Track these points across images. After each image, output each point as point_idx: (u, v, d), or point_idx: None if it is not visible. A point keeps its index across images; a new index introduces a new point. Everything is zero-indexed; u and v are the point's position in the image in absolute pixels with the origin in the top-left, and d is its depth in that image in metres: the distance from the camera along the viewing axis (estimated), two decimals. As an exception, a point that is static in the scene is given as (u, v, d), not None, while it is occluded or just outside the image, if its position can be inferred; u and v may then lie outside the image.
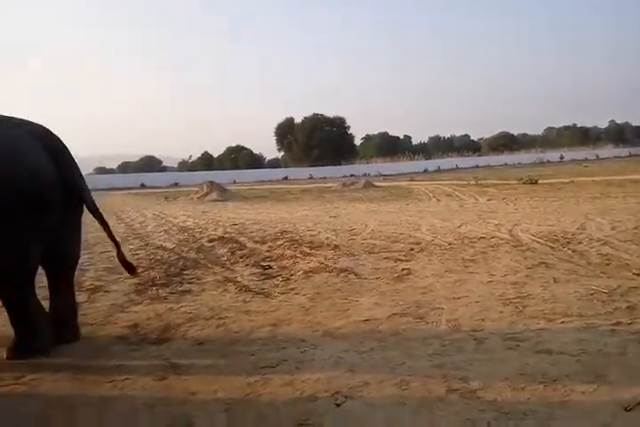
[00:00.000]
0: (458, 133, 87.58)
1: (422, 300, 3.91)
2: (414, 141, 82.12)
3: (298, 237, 7.44)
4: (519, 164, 46.79)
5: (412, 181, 26.72)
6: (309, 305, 3.91)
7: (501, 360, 2.67)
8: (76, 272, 5.28)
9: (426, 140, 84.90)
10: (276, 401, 2.34)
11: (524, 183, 17.69)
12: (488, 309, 3.59)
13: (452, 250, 5.95)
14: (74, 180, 3.15)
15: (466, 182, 20.50)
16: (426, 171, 46.68)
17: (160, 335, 3.37)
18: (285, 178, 48.58)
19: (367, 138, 76.04)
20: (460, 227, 7.89)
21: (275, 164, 70.36)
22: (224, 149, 75.82)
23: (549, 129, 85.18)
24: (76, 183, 3.16)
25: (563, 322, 3.23)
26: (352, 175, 41.36)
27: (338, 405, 2.27)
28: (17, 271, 2.98)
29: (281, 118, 67.46)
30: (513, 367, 2.57)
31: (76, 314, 3.43)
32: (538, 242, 6.05)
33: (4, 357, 3.01)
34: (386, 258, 5.63)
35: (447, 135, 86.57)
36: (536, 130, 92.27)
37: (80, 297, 4.41)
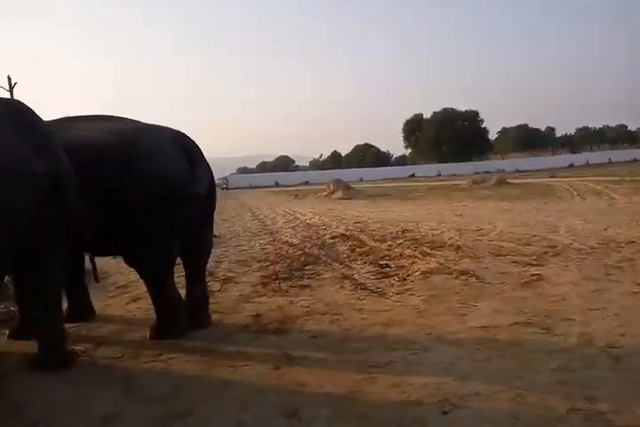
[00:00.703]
0: (612, 123, 77.73)
1: (551, 309, 3.58)
2: (558, 133, 74.95)
3: (419, 237, 7.29)
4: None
5: (552, 177, 24.49)
6: (424, 307, 3.82)
7: (641, 383, 2.34)
8: (212, 264, 5.85)
9: (572, 131, 76.83)
10: (381, 402, 2.34)
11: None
12: (630, 323, 3.17)
13: (594, 255, 5.35)
14: (205, 179, 3.48)
15: (618, 178, 18.18)
16: (571, 166, 42.46)
17: (279, 326, 3.56)
18: (412, 175, 47.81)
19: (503, 131, 71.24)
20: (605, 229, 7.05)
21: (402, 161, 69.60)
22: (352, 147, 77.09)
23: None
24: (203, 180, 3.47)
25: None
26: (486, 172, 39.17)
27: (445, 413, 2.20)
28: (161, 261, 3.39)
29: (409, 114, 66.38)
30: (655, 393, 2.24)
31: (207, 302, 3.78)
32: None
33: (147, 336, 3.44)
34: (514, 262, 5.26)
35: (598, 126, 77.32)
36: None
37: (213, 286, 4.86)
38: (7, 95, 17.17)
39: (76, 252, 3.59)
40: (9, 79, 18.39)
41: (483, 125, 61.78)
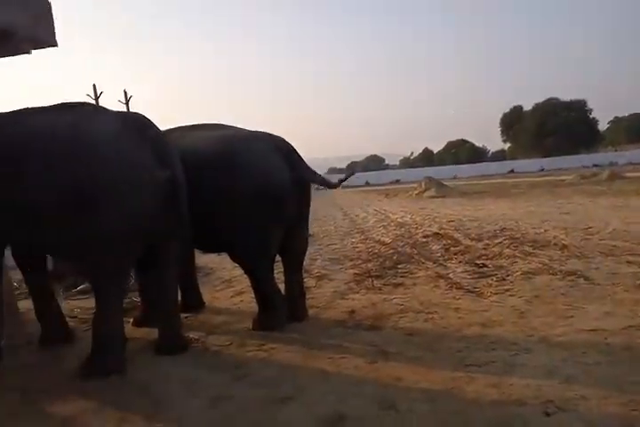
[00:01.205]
0: None
1: (672, 313, 3.28)
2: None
3: (519, 235, 6.96)
4: None
5: (676, 170, 21.93)
6: (525, 308, 3.67)
7: None
8: (306, 261, 6.06)
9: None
10: (480, 400, 2.31)
11: None
12: None
13: None
14: (300, 179, 3.65)
15: None
16: (698, 157, 37.68)
17: (373, 323, 3.63)
18: (511, 171, 45.30)
19: (616, 121, 64.98)
20: None
21: (499, 156, 66.19)
22: (445, 143, 74.84)
23: None
24: (300, 182, 3.65)
25: None
26: (595, 166, 36.08)
27: (547, 414, 2.13)
28: (262, 258, 3.63)
29: (506, 107, 62.90)
30: None
31: (304, 297, 3.96)
32: None
33: (250, 327, 3.69)
34: (628, 262, 4.85)
35: None
36: None
37: (309, 283, 5.05)
38: (124, 108, 19.04)
39: (188, 249, 3.94)
40: (125, 93, 20.31)
41: (591, 115, 56.85)
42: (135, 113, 3.34)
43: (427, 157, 74.36)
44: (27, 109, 3.28)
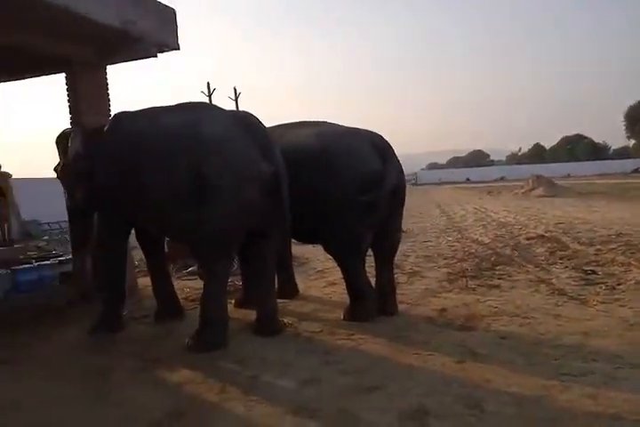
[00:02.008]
0: None
1: None
2: None
3: (637, 242, 6.34)
4: None
5: None
6: (635, 320, 3.39)
7: None
8: (399, 257, 6.07)
9: None
10: (572, 410, 2.22)
11: None
12: None
13: None
14: (396, 176, 3.69)
15: None
16: None
17: (464, 323, 3.59)
18: (635, 171, 40.91)
19: None
20: None
21: (622, 154, 59.86)
22: (559, 139, 69.34)
23: None
24: (395, 178, 3.69)
25: None
26: None
27: (648, 433, 1.99)
28: (354, 251, 3.74)
29: (632, 100, 56.57)
30: None
31: (394, 291, 4.01)
32: None
33: (341, 317, 3.82)
34: None
35: None
36: None
37: (400, 279, 5.08)
38: (233, 104, 20.19)
39: (285, 238, 4.15)
40: (235, 90, 21.53)
41: None
42: (244, 112, 3.61)
43: (537, 154, 69.30)
44: (152, 109, 3.70)
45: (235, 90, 21.29)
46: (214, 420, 2.35)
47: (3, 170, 8.50)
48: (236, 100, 21.01)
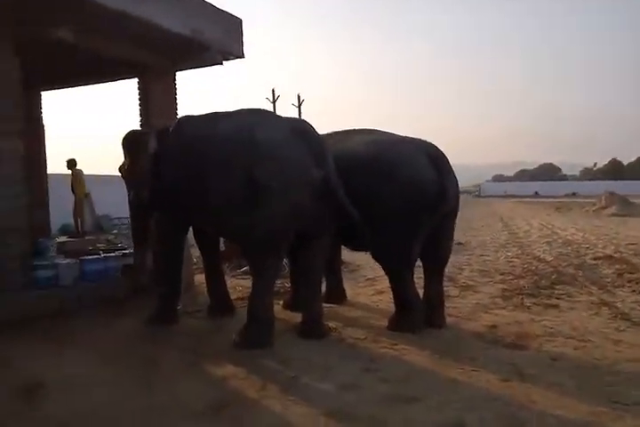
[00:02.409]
0: None
1: None
2: None
3: None
4: None
5: None
6: None
7: None
8: (453, 270, 5.95)
9: None
10: (624, 441, 2.08)
11: None
12: None
13: None
14: (449, 186, 3.64)
15: None
16: None
17: (515, 341, 3.45)
18: None
19: None
20: None
21: None
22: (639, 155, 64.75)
23: None
24: (449, 189, 3.63)
25: None
26: None
27: None
28: (402, 260, 3.70)
29: None
30: None
31: (443, 304, 3.92)
32: None
33: (386, 327, 3.79)
34: None
35: None
36: None
37: (452, 292, 4.97)
38: (296, 111, 20.62)
39: (335, 244, 4.19)
40: (298, 97, 22.02)
41: None
42: (299, 119, 3.72)
43: (614, 170, 65.07)
44: (213, 114, 3.88)
45: (298, 97, 21.81)
46: (252, 415, 2.41)
47: (77, 168, 9.19)
48: (299, 107, 21.48)
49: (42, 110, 7.07)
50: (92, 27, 4.51)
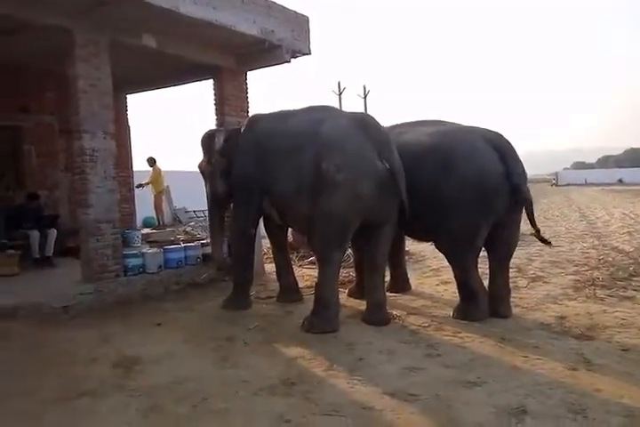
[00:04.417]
0: None
1: None
2: None
3: None
4: None
5: None
6: None
7: None
8: (523, 260, 5.84)
9: None
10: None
11: None
12: None
13: None
14: (515, 175, 3.61)
15: None
16: None
17: (584, 332, 3.39)
18: None
19: None
20: None
21: None
22: None
23: None
24: (516, 178, 3.61)
25: None
26: None
27: None
28: (466, 250, 3.74)
29: None
30: None
31: (509, 294, 3.91)
32: None
33: (451, 315, 3.85)
34: None
35: None
36: None
37: (520, 282, 4.91)
38: (362, 102, 20.64)
39: (399, 234, 4.29)
40: (364, 88, 21.99)
41: None
42: (363, 113, 3.86)
43: None
44: (282, 112, 4.12)
45: (364, 88, 21.79)
46: (320, 391, 2.60)
47: (156, 165, 9.86)
48: (365, 98, 21.46)
49: (127, 112, 7.70)
50: (171, 33, 4.89)
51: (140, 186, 8.85)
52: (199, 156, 4.63)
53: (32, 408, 2.43)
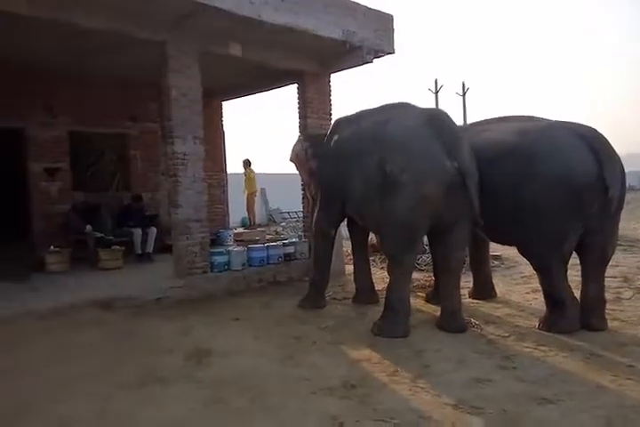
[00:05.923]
0: None
1: None
2: None
3: None
4: None
5: None
6: None
7: None
8: (631, 270, 5.24)
9: None
10: None
11: None
12: None
13: None
14: (611, 176, 3.24)
15: None
16: None
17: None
18: None
19: None
20: None
21: None
22: None
23: None
24: (607, 177, 3.24)
25: None
26: None
27: None
28: (551, 256, 3.43)
29: None
30: None
31: (603, 304, 3.52)
32: None
33: (536, 326, 3.55)
34: None
35: None
36: None
37: (624, 294, 4.41)
38: (460, 100, 19.85)
39: (479, 238, 4.04)
40: (463, 85, 21.13)
41: None
42: (436, 109, 3.71)
43: None
44: (361, 112, 4.12)
45: (463, 85, 20.89)
46: (379, 396, 2.54)
47: (250, 167, 10.33)
48: (464, 96, 20.58)
49: (222, 118, 8.17)
50: (255, 41, 5.10)
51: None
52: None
53: (103, 390, 2.65)
